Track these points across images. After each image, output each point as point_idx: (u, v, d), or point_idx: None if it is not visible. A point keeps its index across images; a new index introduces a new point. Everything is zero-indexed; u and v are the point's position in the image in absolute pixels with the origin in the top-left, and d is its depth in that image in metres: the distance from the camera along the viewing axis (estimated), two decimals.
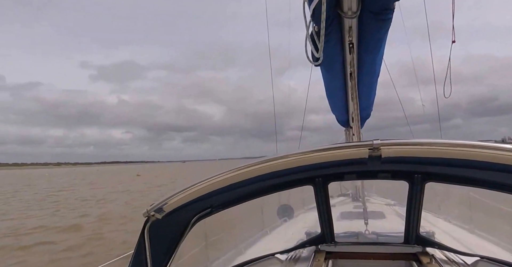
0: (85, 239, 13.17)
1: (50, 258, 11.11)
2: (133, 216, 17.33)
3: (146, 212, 1.81)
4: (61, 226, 15.99)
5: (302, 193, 5.10)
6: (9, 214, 20.65)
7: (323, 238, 2.70)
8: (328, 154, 1.69)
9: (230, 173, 1.78)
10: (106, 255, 12.20)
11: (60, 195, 32.07)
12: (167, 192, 3.94)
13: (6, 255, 11.43)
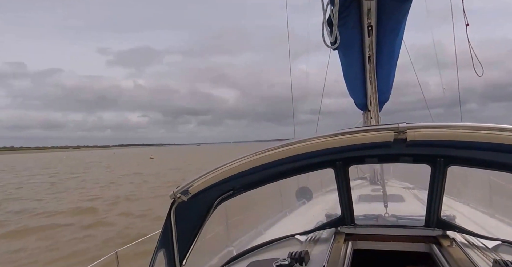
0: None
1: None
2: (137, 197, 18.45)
3: (172, 194, 1.88)
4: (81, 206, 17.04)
5: (321, 176, 5.17)
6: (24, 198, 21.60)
7: (343, 220, 2.76)
8: (352, 137, 1.68)
9: (253, 156, 1.81)
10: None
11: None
12: (177, 175, 4.02)
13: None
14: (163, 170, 38.00)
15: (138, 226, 12.40)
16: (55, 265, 9.01)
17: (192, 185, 1.85)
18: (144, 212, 14.82)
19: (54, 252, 9.98)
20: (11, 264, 9.17)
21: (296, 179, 4.36)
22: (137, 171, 38.85)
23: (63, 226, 13.12)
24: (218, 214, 2.42)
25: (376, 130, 1.65)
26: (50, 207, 17.38)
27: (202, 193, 1.94)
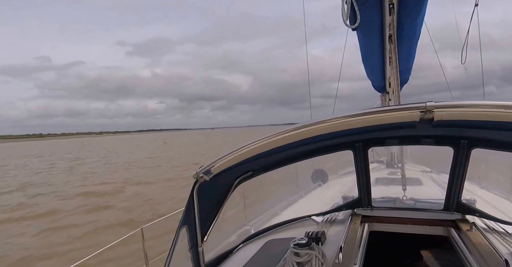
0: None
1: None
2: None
3: (195, 174, 1.92)
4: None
5: (336, 158, 5.16)
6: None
7: (360, 202, 2.77)
8: (376, 117, 1.61)
9: (272, 138, 1.80)
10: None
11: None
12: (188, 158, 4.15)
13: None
14: (175, 154, 39.22)
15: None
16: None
17: (213, 166, 1.88)
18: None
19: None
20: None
21: (312, 161, 4.37)
22: (150, 155, 40.21)
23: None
24: (236, 194, 2.47)
25: (402, 110, 1.56)
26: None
27: (223, 173, 1.97)
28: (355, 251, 2.10)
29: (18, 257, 8.44)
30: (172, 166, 26.49)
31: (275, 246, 2.44)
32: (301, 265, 1.88)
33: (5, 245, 9.49)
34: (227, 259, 2.53)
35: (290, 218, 3.02)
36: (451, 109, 1.50)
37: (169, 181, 19.05)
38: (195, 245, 2.12)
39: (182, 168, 23.65)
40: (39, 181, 22.88)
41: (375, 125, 1.68)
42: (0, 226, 11.51)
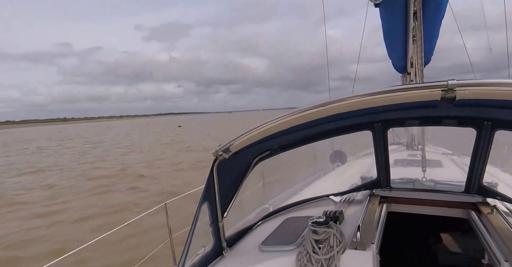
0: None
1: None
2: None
3: (215, 152, 1.96)
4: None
5: (355, 140, 5.14)
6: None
7: (379, 183, 2.78)
8: (395, 96, 1.57)
9: (290, 116, 1.81)
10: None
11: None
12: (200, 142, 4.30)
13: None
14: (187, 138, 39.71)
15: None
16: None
17: (232, 144, 1.92)
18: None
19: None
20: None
21: (331, 142, 4.38)
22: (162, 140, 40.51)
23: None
24: (255, 174, 2.53)
25: (422, 88, 1.51)
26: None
27: (242, 151, 2.01)
28: (373, 231, 2.13)
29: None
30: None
31: (294, 224, 2.50)
32: (319, 243, 1.92)
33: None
34: (247, 234, 2.61)
35: (309, 197, 3.08)
36: (474, 88, 1.45)
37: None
38: (216, 220, 2.20)
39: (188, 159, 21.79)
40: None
41: (394, 105, 1.65)
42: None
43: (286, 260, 1.98)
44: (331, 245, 1.90)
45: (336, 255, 1.84)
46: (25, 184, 16.36)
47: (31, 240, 8.47)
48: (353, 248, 1.91)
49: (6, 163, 25.80)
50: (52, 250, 7.55)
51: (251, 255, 2.15)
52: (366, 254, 1.85)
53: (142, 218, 3.30)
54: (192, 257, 2.09)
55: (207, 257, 2.18)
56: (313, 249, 1.90)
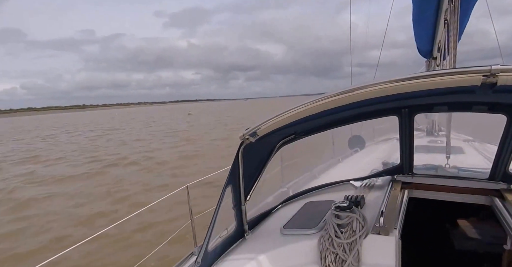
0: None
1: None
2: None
3: (242, 136, 1.95)
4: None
5: (374, 125, 5.09)
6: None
7: (401, 168, 2.75)
8: (432, 81, 1.50)
9: (318, 102, 1.78)
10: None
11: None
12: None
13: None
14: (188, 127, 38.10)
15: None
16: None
17: (259, 128, 1.91)
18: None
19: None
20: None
21: (349, 127, 4.35)
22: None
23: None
24: (273, 157, 2.53)
25: (461, 73, 1.43)
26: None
27: (268, 135, 2.00)
28: (395, 216, 2.12)
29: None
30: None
31: (314, 208, 2.51)
32: (341, 227, 1.93)
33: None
34: (268, 217, 2.64)
35: (328, 181, 3.08)
36: None
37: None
38: (239, 203, 2.23)
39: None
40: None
41: (426, 90, 1.58)
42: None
43: (308, 243, 2.00)
44: (354, 230, 1.91)
45: (358, 240, 1.85)
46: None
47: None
48: (376, 233, 1.92)
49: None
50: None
51: (273, 238, 2.18)
52: (389, 239, 1.86)
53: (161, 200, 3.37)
54: (215, 238, 2.13)
55: (230, 239, 2.22)
56: (336, 233, 1.91)
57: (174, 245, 4.15)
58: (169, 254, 5.21)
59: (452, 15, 2.94)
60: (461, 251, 2.94)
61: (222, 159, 14.10)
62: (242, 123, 33.17)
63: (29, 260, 6.34)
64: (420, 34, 4.35)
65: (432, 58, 5.13)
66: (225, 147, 18.56)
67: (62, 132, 40.92)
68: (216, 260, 2.06)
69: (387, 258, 1.75)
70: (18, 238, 7.61)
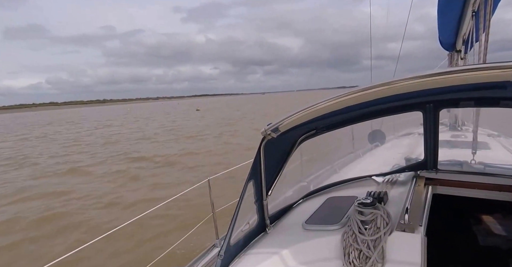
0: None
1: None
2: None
3: (264, 131, 1.95)
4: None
5: (395, 120, 4.99)
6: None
7: (425, 164, 2.71)
8: (464, 76, 1.43)
9: (341, 98, 1.76)
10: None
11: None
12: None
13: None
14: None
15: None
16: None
17: (282, 123, 1.90)
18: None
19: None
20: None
21: (369, 122, 4.28)
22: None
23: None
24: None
25: (494, 68, 1.37)
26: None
27: (290, 131, 2.00)
28: (420, 213, 2.09)
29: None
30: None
31: (336, 203, 2.50)
32: (365, 224, 1.92)
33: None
34: (289, 212, 2.65)
35: (349, 177, 3.06)
36: None
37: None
38: (260, 198, 2.24)
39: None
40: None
41: (454, 86, 1.54)
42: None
43: (331, 239, 2.00)
44: (378, 226, 1.89)
45: (383, 237, 1.83)
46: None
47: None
48: (401, 230, 1.89)
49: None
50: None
51: (295, 233, 2.19)
52: (415, 236, 1.83)
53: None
54: (237, 232, 2.17)
55: (251, 233, 2.24)
56: (359, 230, 1.90)
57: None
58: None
59: (483, 7, 2.83)
60: (485, 248, 2.89)
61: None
62: (242, 123, 32.33)
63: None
64: (445, 26, 4.23)
65: (455, 51, 4.99)
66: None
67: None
68: (238, 253, 2.08)
69: (413, 255, 1.72)
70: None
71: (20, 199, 10.54)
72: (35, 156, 19.82)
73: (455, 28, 4.07)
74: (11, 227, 8.17)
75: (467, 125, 5.55)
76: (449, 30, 4.23)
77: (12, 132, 40.53)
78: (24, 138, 31.79)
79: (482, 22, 2.92)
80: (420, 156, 2.73)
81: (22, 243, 7.18)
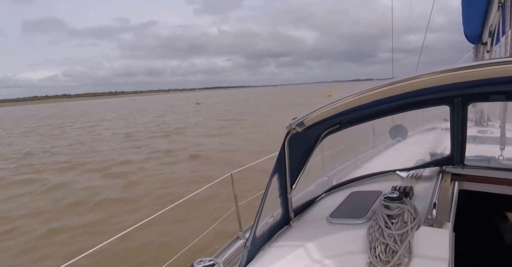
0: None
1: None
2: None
3: (289, 125, 1.95)
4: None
5: (416, 114, 4.91)
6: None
7: (451, 159, 2.67)
8: (496, 69, 1.37)
9: (367, 92, 1.73)
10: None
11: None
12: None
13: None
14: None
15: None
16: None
17: (307, 118, 1.90)
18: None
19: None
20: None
21: (391, 117, 4.23)
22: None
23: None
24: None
25: None
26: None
27: (315, 125, 1.99)
28: (447, 208, 2.07)
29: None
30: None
31: (360, 198, 2.50)
32: (391, 218, 1.91)
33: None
34: (312, 206, 2.66)
35: (372, 171, 3.04)
36: None
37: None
38: (285, 192, 2.25)
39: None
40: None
41: (486, 79, 1.48)
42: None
43: (355, 233, 2.00)
44: (405, 221, 1.88)
45: (410, 231, 1.82)
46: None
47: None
48: (428, 225, 1.88)
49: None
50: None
51: (319, 226, 2.20)
52: (443, 232, 1.82)
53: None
54: (262, 224, 2.19)
55: (276, 226, 2.26)
56: (386, 224, 1.89)
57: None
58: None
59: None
60: (509, 244, 2.85)
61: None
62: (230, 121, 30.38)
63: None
64: (470, 18, 4.12)
65: (481, 43, 4.86)
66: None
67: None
68: (263, 245, 2.11)
69: (440, 251, 1.71)
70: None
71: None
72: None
73: (480, 21, 3.96)
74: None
75: (493, 121, 5.42)
76: (474, 22, 4.12)
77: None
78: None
79: (509, 14, 2.84)
80: (445, 151, 2.69)
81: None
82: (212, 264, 1.57)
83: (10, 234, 7.96)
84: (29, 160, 17.54)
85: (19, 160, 17.61)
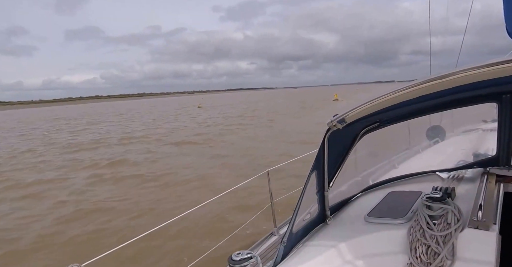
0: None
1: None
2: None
3: (330, 122, 1.92)
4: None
5: (453, 115, 4.71)
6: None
7: (497, 160, 2.56)
8: None
9: (409, 88, 1.67)
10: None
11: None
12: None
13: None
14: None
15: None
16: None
17: (348, 115, 1.86)
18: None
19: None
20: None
21: (428, 117, 4.08)
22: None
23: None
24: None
25: None
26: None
27: (355, 122, 1.97)
28: (493, 211, 1.99)
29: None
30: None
31: (399, 198, 2.44)
32: (434, 219, 1.85)
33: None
34: (349, 205, 2.62)
35: (410, 172, 2.96)
36: None
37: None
38: (322, 189, 2.24)
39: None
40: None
41: None
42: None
43: (394, 233, 1.95)
44: (448, 222, 1.82)
45: (453, 233, 1.76)
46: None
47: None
48: (474, 227, 1.81)
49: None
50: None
51: (357, 225, 2.17)
52: (489, 234, 1.75)
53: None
54: (298, 221, 2.19)
55: (312, 223, 2.25)
56: (427, 225, 1.84)
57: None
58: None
59: None
60: None
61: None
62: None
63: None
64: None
65: None
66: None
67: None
68: (299, 242, 2.11)
69: (486, 254, 1.64)
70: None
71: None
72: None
73: None
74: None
75: None
76: None
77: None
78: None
79: None
80: (489, 151, 2.58)
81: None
82: (250, 257, 1.58)
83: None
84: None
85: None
